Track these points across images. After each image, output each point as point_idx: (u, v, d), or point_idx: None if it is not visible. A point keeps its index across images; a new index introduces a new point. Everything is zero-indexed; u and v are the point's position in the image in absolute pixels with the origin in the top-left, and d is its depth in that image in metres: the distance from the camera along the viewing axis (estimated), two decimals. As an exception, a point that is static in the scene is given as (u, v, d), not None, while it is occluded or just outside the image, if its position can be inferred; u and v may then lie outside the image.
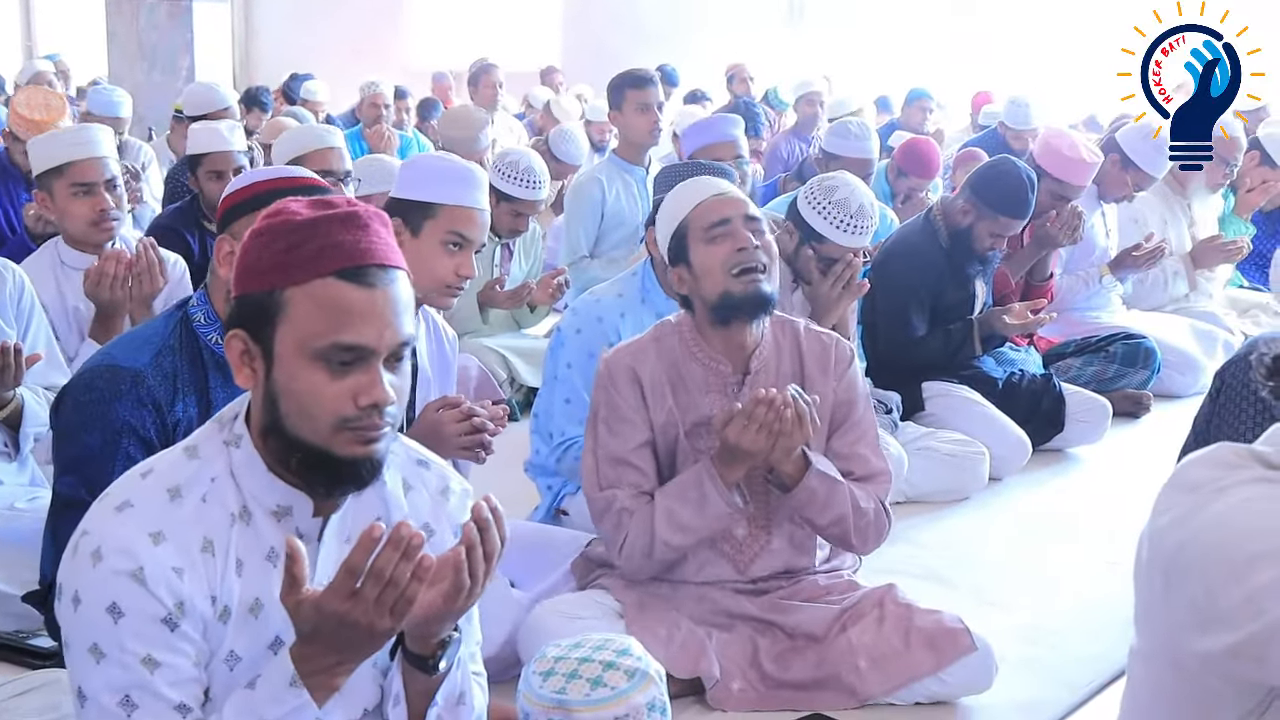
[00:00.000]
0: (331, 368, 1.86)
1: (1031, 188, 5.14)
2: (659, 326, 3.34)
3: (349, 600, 1.80)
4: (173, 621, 1.87)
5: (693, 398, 3.24)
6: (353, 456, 1.89)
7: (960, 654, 3.17)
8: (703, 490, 3.13)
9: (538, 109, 11.60)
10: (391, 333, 1.88)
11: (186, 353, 2.76)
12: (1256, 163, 7.21)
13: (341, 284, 1.86)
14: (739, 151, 5.52)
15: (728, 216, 3.19)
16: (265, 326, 1.88)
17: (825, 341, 3.34)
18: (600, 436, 3.23)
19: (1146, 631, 1.83)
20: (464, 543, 1.88)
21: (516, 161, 5.49)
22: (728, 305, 3.16)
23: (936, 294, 5.26)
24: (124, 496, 1.92)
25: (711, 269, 3.16)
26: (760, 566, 3.31)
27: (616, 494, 3.19)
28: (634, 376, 3.22)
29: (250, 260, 1.91)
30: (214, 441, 1.98)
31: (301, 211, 1.90)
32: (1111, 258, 6.41)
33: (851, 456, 3.29)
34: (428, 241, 3.25)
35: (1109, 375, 6.00)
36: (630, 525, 3.17)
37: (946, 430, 5.03)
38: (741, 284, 3.14)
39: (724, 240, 3.16)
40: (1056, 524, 4.71)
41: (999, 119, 9.43)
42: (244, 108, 9.17)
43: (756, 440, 3.02)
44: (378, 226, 1.92)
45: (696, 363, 3.24)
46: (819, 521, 3.23)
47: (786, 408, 3.00)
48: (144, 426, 2.69)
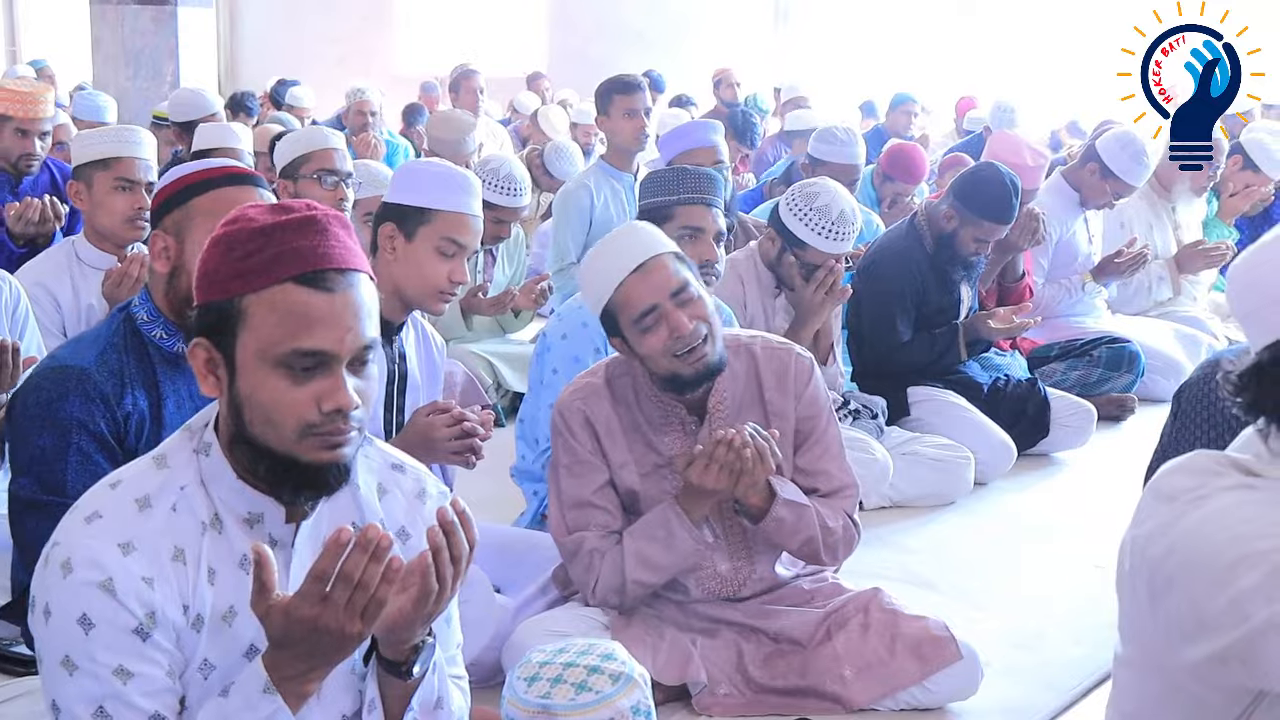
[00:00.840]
0: (294, 374, 1.85)
1: (1015, 192, 5.15)
2: (610, 366, 3.28)
3: (319, 605, 1.78)
4: (144, 632, 1.86)
5: (649, 438, 3.23)
6: (319, 462, 1.88)
7: (946, 662, 3.18)
8: (670, 529, 3.14)
9: (524, 115, 11.60)
10: (353, 336, 1.86)
11: (132, 349, 2.77)
12: (1239, 167, 7.25)
13: (300, 289, 1.84)
14: (719, 157, 5.52)
15: (654, 304, 3.06)
16: (227, 335, 1.87)
17: (784, 358, 3.30)
18: (562, 482, 3.22)
19: (1132, 640, 1.84)
20: (430, 546, 1.87)
21: (497, 169, 5.50)
22: (679, 383, 3.13)
23: (921, 299, 5.27)
24: (93, 507, 1.91)
25: (653, 354, 3.10)
26: (749, 589, 3.33)
27: (585, 536, 3.19)
28: (586, 420, 3.21)
29: (209, 269, 1.90)
30: (183, 450, 1.97)
31: (258, 218, 1.88)
32: (1095, 264, 6.43)
33: (817, 473, 3.29)
34: (422, 246, 3.26)
35: (1093, 379, 6.02)
36: (601, 566, 3.18)
37: (932, 435, 5.04)
38: (688, 364, 3.08)
39: (658, 328, 3.06)
40: (1042, 528, 4.72)
41: (984, 124, 9.46)
42: (230, 113, 9.15)
43: (719, 480, 3.01)
44: (336, 230, 1.90)
45: (651, 404, 3.23)
46: (789, 545, 3.25)
47: (745, 448, 2.99)
48: (94, 421, 2.70)
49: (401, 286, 3.27)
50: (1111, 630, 1.91)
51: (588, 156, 9.21)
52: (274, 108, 10.99)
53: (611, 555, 3.17)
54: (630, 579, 3.15)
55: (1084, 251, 6.45)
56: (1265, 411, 1.72)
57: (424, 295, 3.27)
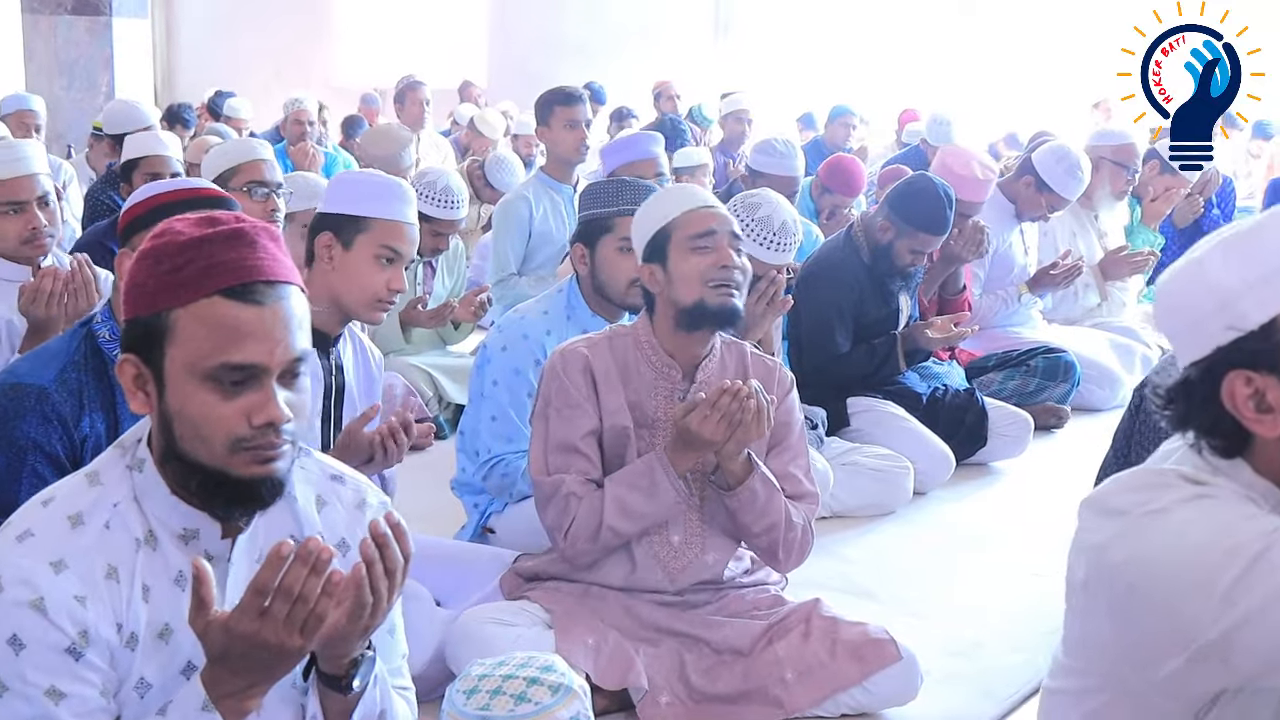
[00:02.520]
0: (223, 388, 1.83)
1: (949, 204, 5.19)
2: (612, 329, 3.43)
3: (258, 620, 1.77)
4: (76, 651, 1.83)
5: (640, 397, 3.30)
6: (251, 477, 1.86)
7: (885, 663, 3.20)
8: (654, 478, 3.20)
9: (463, 126, 11.58)
10: (283, 349, 1.85)
11: (92, 369, 2.73)
12: (1157, 171, 7.38)
13: (228, 302, 1.82)
14: (660, 169, 5.54)
15: (714, 229, 3.26)
16: (155, 350, 1.85)
17: (769, 365, 3.43)
18: (550, 423, 3.28)
19: (1080, 652, 1.85)
20: (363, 559, 1.85)
21: (434, 181, 5.49)
22: (699, 313, 3.24)
23: (859, 310, 5.30)
24: (24, 526, 1.88)
25: (690, 277, 3.23)
26: (690, 575, 3.34)
27: (564, 478, 3.23)
28: (586, 365, 3.29)
29: (137, 282, 1.88)
30: (116, 467, 1.95)
31: (185, 231, 1.86)
32: (1030, 275, 6.50)
33: (785, 476, 3.35)
34: (360, 255, 3.25)
35: (1030, 389, 6.07)
36: (578, 509, 3.21)
37: (871, 445, 5.06)
38: (717, 296, 3.23)
39: (708, 253, 3.24)
40: (980, 537, 4.75)
41: (921, 136, 9.53)
42: (166, 124, 9.07)
43: (717, 430, 3.09)
44: (265, 242, 1.88)
45: (647, 364, 3.31)
46: (753, 528, 3.27)
47: (750, 398, 3.07)
48: (50, 443, 2.66)
49: (340, 296, 3.25)
50: (1050, 637, 1.94)
51: (529, 168, 9.21)
52: (211, 119, 10.91)
53: (590, 500, 3.21)
54: (607, 524, 3.20)
55: (1020, 263, 6.52)
56: (1195, 427, 1.75)
57: (362, 304, 3.26)
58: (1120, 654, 1.75)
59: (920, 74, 14.25)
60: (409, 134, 7.47)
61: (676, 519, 3.29)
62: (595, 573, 3.32)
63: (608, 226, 3.95)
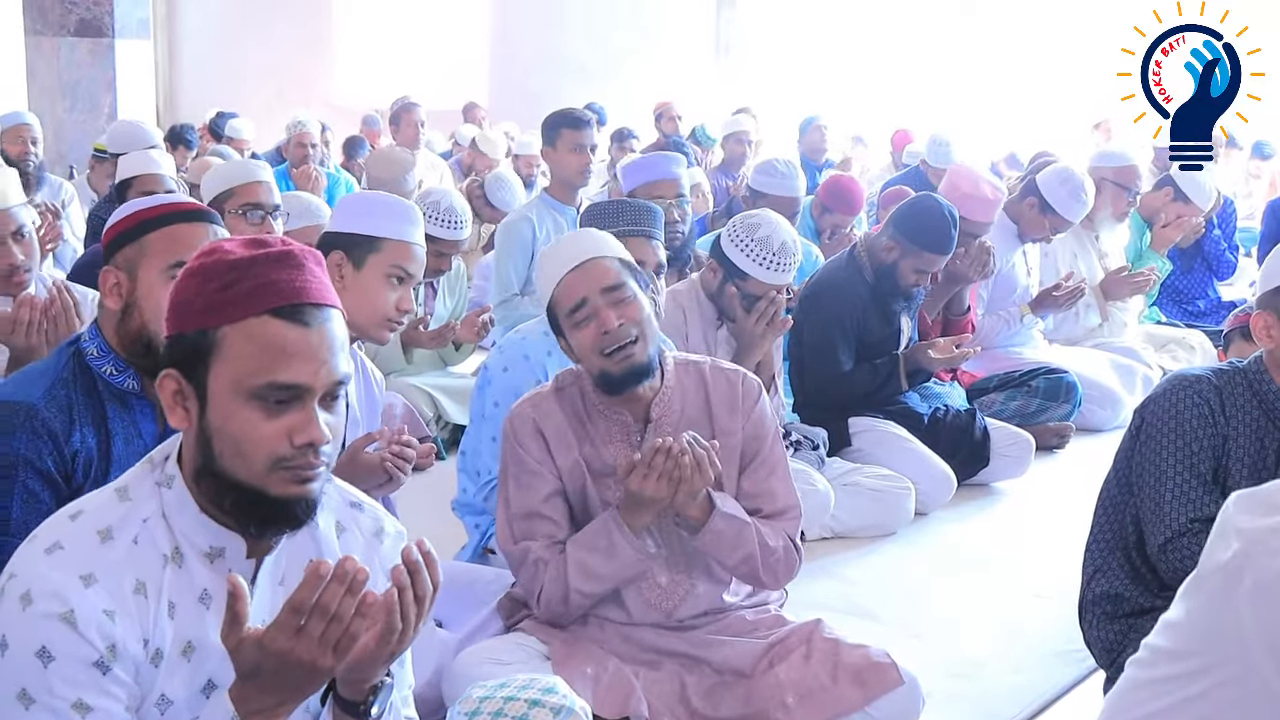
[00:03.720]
0: (267, 407, 1.85)
1: (954, 224, 5.21)
2: (560, 377, 3.34)
3: (294, 637, 1.77)
4: (104, 665, 1.84)
5: (596, 448, 3.25)
6: (288, 496, 1.88)
7: (887, 688, 3.18)
8: (611, 539, 3.15)
9: (465, 146, 11.60)
10: (327, 371, 1.87)
11: (81, 385, 2.73)
12: (1170, 199, 7.38)
13: (277, 322, 1.85)
14: (680, 190, 5.56)
15: (584, 297, 3.15)
16: (199, 366, 1.87)
17: (732, 379, 3.34)
18: (510, 492, 3.24)
19: (1198, 638, 1.79)
20: (395, 585, 1.86)
21: (438, 202, 5.50)
22: (608, 382, 3.18)
23: (862, 330, 5.30)
24: (53, 538, 1.89)
25: (584, 351, 3.17)
26: (686, 609, 3.31)
27: (530, 546, 3.20)
28: (536, 428, 3.23)
29: (184, 300, 1.89)
30: (145, 483, 1.96)
31: (236, 251, 1.89)
32: (1033, 296, 6.51)
33: (761, 494, 3.30)
34: (371, 275, 3.27)
35: (1032, 410, 6.07)
36: (544, 576, 3.19)
37: (873, 466, 5.06)
38: (615, 363, 3.14)
39: (588, 324, 3.15)
40: (982, 558, 4.74)
41: (920, 157, 9.56)
42: (169, 145, 9.09)
43: (659, 488, 3.04)
44: (312, 265, 1.92)
45: (598, 413, 3.26)
46: (727, 561, 3.25)
47: (684, 455, 3.01)
48: (40, 458, 2.65)
49: (349, 316, 3.22)
50: (1051, 658, 1.93)
51: (529, 187, 9.23)
52: (213, 140, 10.94)
53: (555, 564, 3.18)
54: (573, 588, 3.17)
55: (1022, 283, 6.53)
56: None
57: (372, 324, 3.28)
58: (1265, 648, 1.70)
59: (920, 93, 14.28)
60: (411, 158, 7.48)
61: (644, 573, 3.24)
62: (596, 629, 3.29)
63: (609, 246, 3.96)
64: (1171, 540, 3.07)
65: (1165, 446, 3.12)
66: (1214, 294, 8.08)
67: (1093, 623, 3.26)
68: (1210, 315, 7.78)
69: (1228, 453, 3.08)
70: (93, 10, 12.28)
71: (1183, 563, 3.03)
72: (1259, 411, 3.09)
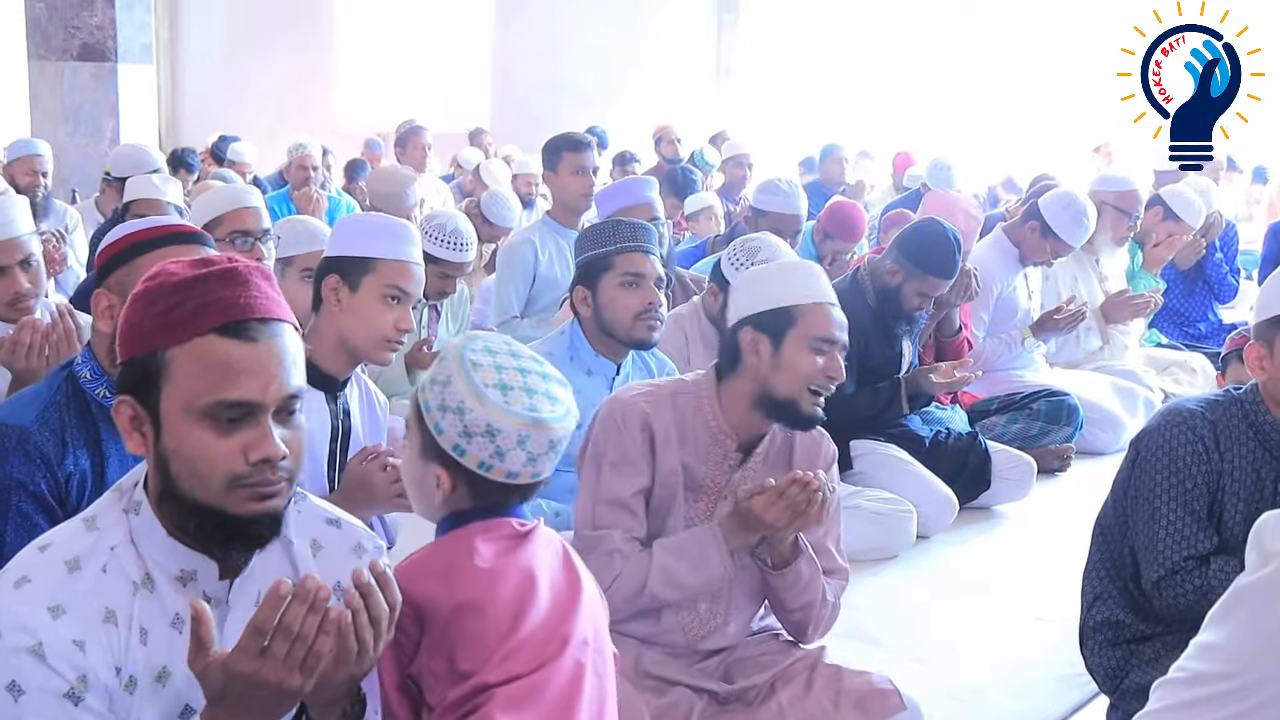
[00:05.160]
0: (219, 425, 1.84)
1: (958, 248, 5.22)
2: (678, 383, 3.33)
3: (258, 659, 1.76)
4: (76, 696, 1.83)
5: (693, 460, 3.24)
6: (249, 514, 1.87)
7: (889, 714, 3.17)
8: (704, 551, 3.14)
9: (467, 171, 11.61)
10: (278, 385, 1.86)
11: (74, 408, 2.72)
12: (1160, 218, 7.42)
13: (223, 340, 1.84)
14: (655, 213, 5.55)
15: (833, 337, 3.22)
16: (150, 390, 1.86)
17: (816, 438, 3.38)
18: (601, 475, 3.20)
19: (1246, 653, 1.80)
20: (348, 607, 1.84)
21: (444, 224, 5.49)
22: (787, 410, 3.20)
23: (864, 353, 5.30)
24: (21, 572, 1.88)
25: (797, 373, 3.17)
26: (710, 642, 3.30)
27: (611, 534, 3.17)
28: (646, 422, 3.20)
29: (132, 324, 1.89)
30: (113, 511, 1.95)
31: (180, 272, 1.88)
32: (1034, 319, 6.51)
33: (820, 550, 3.30)
34: (367, 296, 3.26)
35: (1033, 433, 6.08)
36: (622, 568, 3.15)
37: (874, 489, 5.06)
38: (812, 404, 3.20)
39: (823, 358, 3.19)
40: (984, 582, 4.74)
41: (921, 180, 9.58)
42: (171, 169, 9.11)
43: (780, 516, 3.04)
44: (258, 280, 1.90)
45: (705, 428, 3.24)
46: (790, 605, 3.24)
47: (818, 491, 3.03)
48: (34, 481, 2.64)
49: (348, 338, 3.26)
50: (1053, 682, 1.93)
51: (527, 206, 9.24)
52: (215, 164, 10.96)
53: (637, 561, 3.15)
54: (650, 589, 3.15)
55: (1024, 307, 6.54)
56: None
57: (371, 345, 3.27)
58: None
59: (920, 115, 14.31)
60: (413, 174, 7.50)
61: (710, 594, 3.25)
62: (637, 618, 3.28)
63: (607, 265, 3.98)
64: (1165, 578, 3.05)
65: (1160, 483, 3.10)
66: (1215, 317, 8.09)
67: (1094, 648, 3.26)
68: (1211, 338, 7.79)
69: (1223, 487, 3.06)
70: (96, 35, 12.30)
71: (1176, 600, 3.03)
72: (1255, 443, 3.07)
